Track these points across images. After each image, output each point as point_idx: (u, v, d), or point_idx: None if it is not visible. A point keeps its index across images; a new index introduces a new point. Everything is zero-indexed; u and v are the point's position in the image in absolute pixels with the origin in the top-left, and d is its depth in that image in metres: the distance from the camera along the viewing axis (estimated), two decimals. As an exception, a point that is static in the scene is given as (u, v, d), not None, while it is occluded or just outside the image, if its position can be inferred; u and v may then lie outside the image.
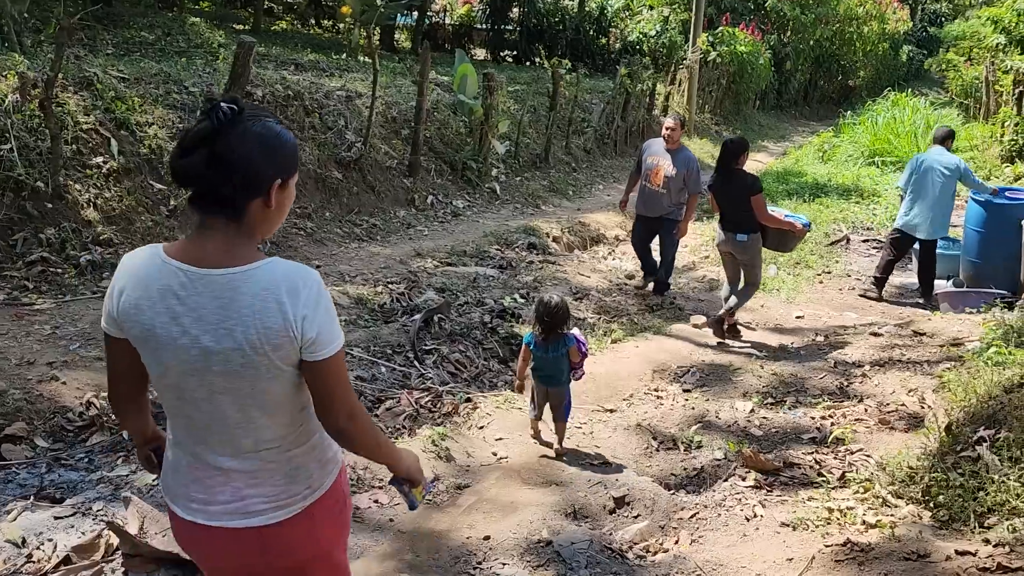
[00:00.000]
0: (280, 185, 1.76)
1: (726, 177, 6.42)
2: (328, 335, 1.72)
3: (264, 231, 1.79)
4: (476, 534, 3.58)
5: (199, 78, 8.87)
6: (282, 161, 1.76)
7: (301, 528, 1.85)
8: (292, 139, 1.80)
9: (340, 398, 1.77)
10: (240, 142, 1.68)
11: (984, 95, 17.15)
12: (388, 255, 8.18)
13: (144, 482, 3.63)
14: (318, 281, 1.74)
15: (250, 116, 1.72)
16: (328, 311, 1.73)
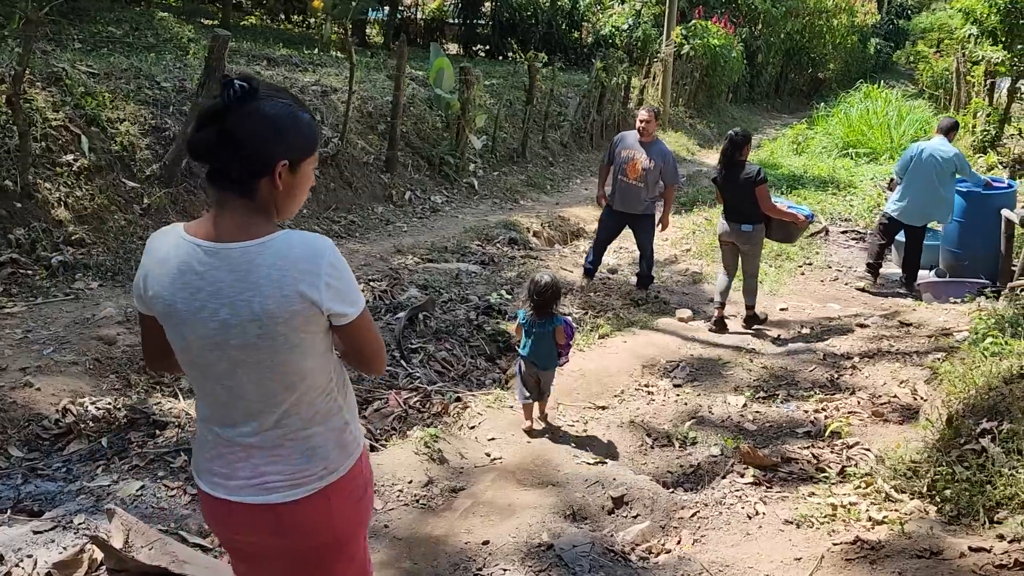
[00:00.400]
0: (288, 167, 1.77)
1: (731, 169, 6.49)
2: (351, 296, 1.78)
3: (280, 212, 1.82)
4: (475, 539, 3.48)
5: (170, 73, 8.66)
6: (291, 142, 1.77)
7: (317, 509, 1.86)
8: (307, 122, 1.81)
9: (376, 348, 1.89)
10: (248, 120, 1.71)
11: (955, 86, 17.31)
12: (368, 252, 8.04)
13: (127, 492, 3.48)
14: (332, 248, 1.77)
15: (264, 95, 1.75)
16: (344, 277, 1.78)
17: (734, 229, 6.60)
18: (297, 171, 1.80)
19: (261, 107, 1.73)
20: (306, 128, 1.80)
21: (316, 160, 1.86)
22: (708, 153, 19.09)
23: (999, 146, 13.38)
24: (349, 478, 1.92)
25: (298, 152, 1.79)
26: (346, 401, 1.97)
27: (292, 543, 1.90)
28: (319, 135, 1.91)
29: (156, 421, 4.22)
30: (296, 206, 1.86)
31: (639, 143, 7.27)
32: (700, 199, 12.67)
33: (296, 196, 1.84)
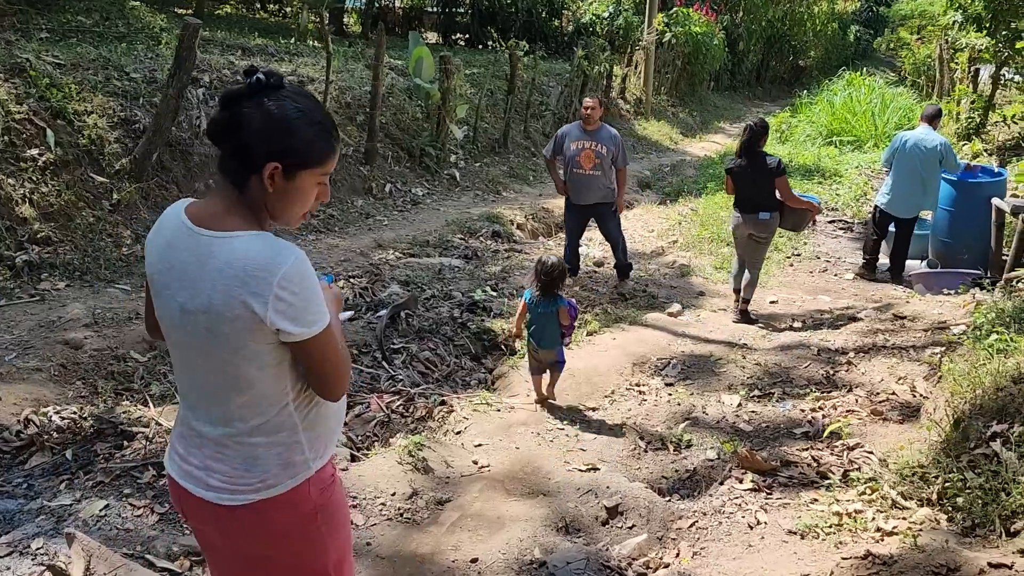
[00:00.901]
0: (282, 171, 1.71)
1: (751, 160, 6.47)
2: (305, 319, 1.69)
3: (273, 216, 1.78)
4: (462, 556, 3.28)
5: (141, 63, 8.36)
6: (288, 146, 1.71)
7: (250, 521, 1.81)
8: (315, 133, 1.75)
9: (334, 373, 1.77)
10: (255, 112, 1.69)
11: (937, 73, 17.24)
12: (347, 247, 7.81)
13: (91, 512, 3.26)
14: (297, 262, 1.68)
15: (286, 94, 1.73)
16: (300, 294, 1.68)
17: (750, 219, 6.55)
18: (293, 179, 1.74)
19: (272, 103, 1.71)
20: (310, 137, 1.74)
21: (321, 175, 1.79)
22: (691, 142, 18.96)
23: (983, 133, 13.30)
24: (289, 500, 1.82)
25: (294, 158, 1.72)
26: (307, 420, 1.84)
27: (236, 546, 1.88)
28: (330, 149, 1.79)
29: (124, 431, 3.99)
30: (291, 215, 1.79)
31: (585, 132, 7.12)
32: (685, 189, 12.52)
33: (291, 204, 1.77)
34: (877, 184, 11.41)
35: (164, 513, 3.30)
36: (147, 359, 4.87)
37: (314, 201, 1.82)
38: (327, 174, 1.80)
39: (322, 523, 1.88)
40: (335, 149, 1.80)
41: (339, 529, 1.95)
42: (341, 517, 1.97)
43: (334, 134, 1.79)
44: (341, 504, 1.97)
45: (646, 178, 13.61)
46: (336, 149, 1.81)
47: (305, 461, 1.84)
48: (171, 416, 4.17)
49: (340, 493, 1.97)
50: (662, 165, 15.30)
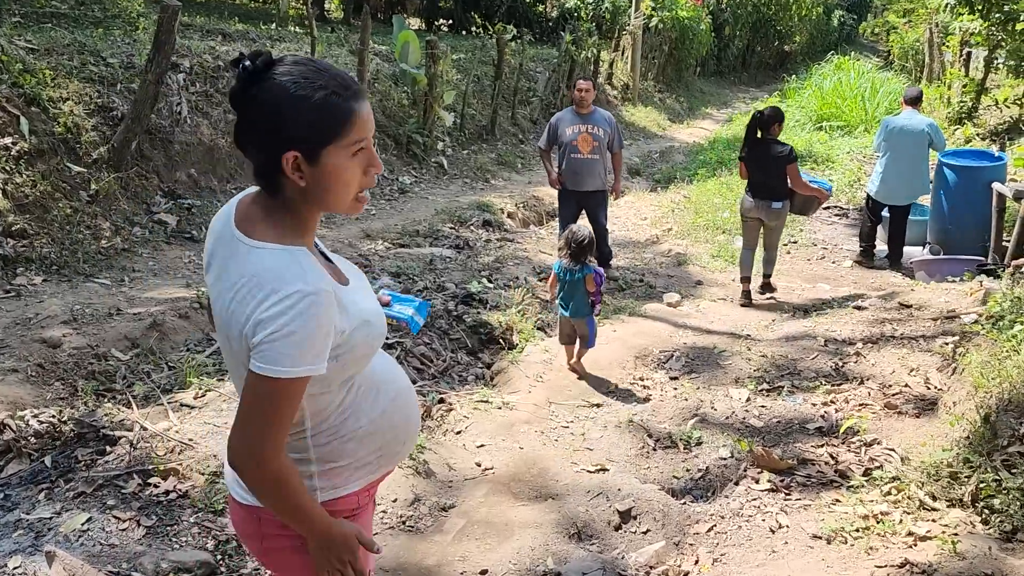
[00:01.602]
0: (304, 158, 1.50)
1: (760, 146, 6.55)
2: (273, 353, 1.44)
3: (322, 206, 1.57)
4: (471, 568, 3.10)
5: (118, 49, 8.06)
6: (294, 131, 1.48)
7: (250, 524, 1.73)
8: (316, 103, 1.49)
9: (253, 429, 1.49)
10: (252, 107, 1.50)
11: (927, 57, 17.13)
12: (335, 237, 7.59)
13: (72, 527, 3.04)
14: (301, 292, 1.46)
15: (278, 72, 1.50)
16: (291, 331, 1.44)
17: (762, 206, 6.59)
18: (319, 162, 1.51)
19: (267, 86, 1.48)
20: (317, 108, 1.48)
21: (353, 144, 1.52)
22: (679, 128, 18.79)
23: (975, 117, 13.20)
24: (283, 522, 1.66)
25: (307, 142, 1.49)
26: (324, 452, 1.67)
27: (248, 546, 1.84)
28: (348, 112, 1.51)
29: (106, 436, 3.76)
30: (341, 200, 1.57)
31: (579, 116, 6.96)
32: (676, 176, 12.34)
33: (333, 189, 1.54)
34: (870, 169, 11.29)
35: (151, 526, 3.08)
36: (129, 358, 4.64)
37: (364, 176, 1.58)
38: (361, 139, 1.53)
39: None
40: (354, 109, 1.51)
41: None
42: None
43: (346, 93, 1.52)
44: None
45: (635, 165, 13.42)
46: (356, 108, 1.52)
47: (313, 488, 1.67)
48: (156, 418, 3.95)
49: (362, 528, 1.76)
50: (651, 152, 15.12)
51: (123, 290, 5.68)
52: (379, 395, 1.73)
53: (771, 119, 6.56)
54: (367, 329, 1.62)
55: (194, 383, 4.28)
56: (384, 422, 1.74)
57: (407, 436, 1.83)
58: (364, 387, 1.70)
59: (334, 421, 1.67)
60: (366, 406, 1.70)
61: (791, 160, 6.44)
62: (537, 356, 5.33)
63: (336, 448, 1.68)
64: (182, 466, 3.49)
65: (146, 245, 6.57)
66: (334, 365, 1.56)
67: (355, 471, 1.72)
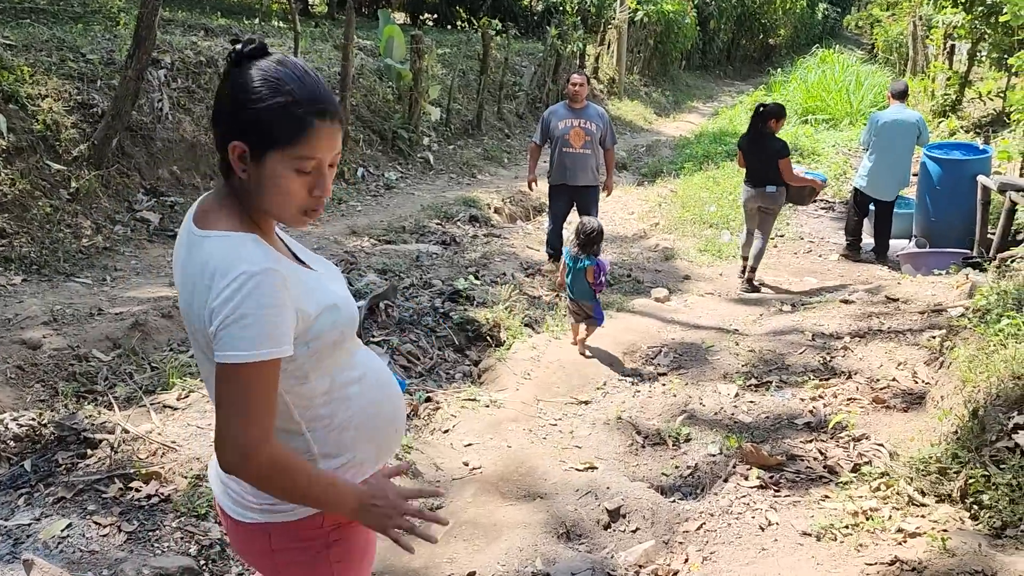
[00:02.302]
0: (250, 154, 1.48)
1: (758, 139, 6.89)
2: (229, 339, 1.41)
3: (261, 208, 1.53)
4: (459, 569, 3.06)
5: (97, 44, 7.96)
6: (243, 122, 1.47)
7: (257, 542, 1.68)
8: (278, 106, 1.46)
9: (230, 424, 1.45)
10: (229, 85, 1.50)
11: (911, 50, 17.18)
12: (320, 234, 7.52)
13: (51, 533, 2.98)
14: (245, 273, 1.42)
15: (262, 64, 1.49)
16: (241, 314, 1.41)
17: (759, 192, 6.93)
18: (261, 162, 1.48)
19: (236, 75, 1.48)
20: (274, 110, 1.45)
21: (297, 159, 1.48)
22: (665, 122, 18.78)
23: (959, 110, 13.24)
24: (299, 528, 1.64)
25: (254, 136, 1.47)
26: (329, 446, 1.64)
27: (249, 561, 1.80)
28: (302, 127, 1.46)
29: (87, 439, 3.70)
30: (277, 208, 1.52)
31: (572, 110, 6.93)
32: (663, 170, 12.32)
33: (268, 194, 1.51)
34: (855, 163, 11.30)
35: (132, 532, 3.03)
36: (111, 358, 4.57)
37: (307, 195, 1.52)
38: (309, 159, 1.48)
39: (335, 559, 1.70)
40: (312, 126, 1.46)
41: (355, 570, 1.77)
42: (359, 558, 1.76)
43: (310, 107, 1.47)
44: (364, 544, 1.77)
45: (622, 159, 13.39)
46: (314, 125, 1.47)
47: None
48: (138, 420, 3.89)
49: (368, 534, 1.76)
50: (637, 146, 15.10)
51: (105, 289, 5.60)
52: (364, 384, 1.70)
53: (769, 114, 6.87)
54: (335, 313, 1.59)
55: (177, 384, 4.23)
56: (374, 410, 1.71)
57: (398, 425, 1.81)
58: (346, 376, 1.66)
59: (325, 412, 1.62)
60: (353, 394, 1.67)
61: (783, 155, 6.74)
62: (525, 353, 5.29)
63: (336, 440, 1.64)
64: (164, 469, 3.44)
65: (128, 244, 6.49)
66: (305, 352, 1.54)
67: (359, 467, 1.69)
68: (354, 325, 1.68)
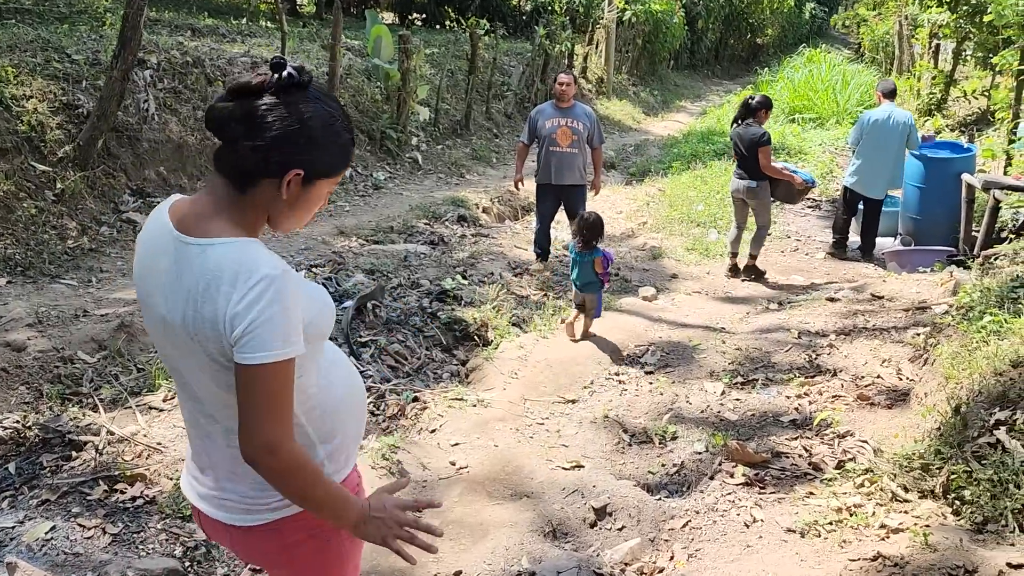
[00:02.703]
0: (303, 179, 1.57)
1: (744, 129, 7.11)
2: (259, 340, 1.47)
3: (275, 223, 1.64)
4: (445, 569, 3.07)
5: (83, 45, 7.92)
6: (316, 155, 1.58)
7: (268, 541, 1.73)
8: (343, 142, 1.63)
9: (259, 420, 1.51)
10: (283, 110, 1.53)
11: (897, 49, 17.27)
12: (308, 235, 7.50)
13: (35, 536, 2.97)
14: (267, 276, 1.49)
15: (313, 96, 1.57)
16: (269, 316, 1.48)
17: (742, 185, 7.19)
18: (310, 188, 1.61)
19: (302, 104, 1.55)
20: (339, 146, 1.62)
21: (334, 183, 1.67)
22: (653, 121, 18.82)
23: (944, 109, 13.33)
24: (307, 518, 1.70)
25: (319, 168, 1.59)
26: (324, 432, 1.72)
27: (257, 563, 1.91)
28: (350, 159, 1.68)
29: (72, 441, 3.69)
30: (296, 223, 1.67)
31: (559, 109, 6.94)
32: (651, 169, 12.35)
33: (299, 214, 1.65)
34: (843, 162, 11.37)
35: (117, 534, 3.02)
36: (96, 360, 4.55)
37: None
38: (339, 183, 1.70)
39: (345, 540, 1.80)
40: (350, 157, 1.68)
41: (358, 547, 1.88)
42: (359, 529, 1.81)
43: (352, 142, 1.68)
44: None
45: (610, 158, 13.41)
46: (350, 156, 1.69)
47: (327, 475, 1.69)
48: (123, 422, 3.88)
49: None
50: (626, 145, 15.12)
51: (90, 291, 5.58)
52: (337, 368, 1.80)
53: (757, 106, 7.15)
54: (326, 311, 1.71)
55: (163, 385, 4.21)
56: (349, 389, 1.81)
57: (364, 400, 1.90)
58: (324, 361, 1.75)
59: (316, 402, 1.70)
60: (334, 377, 1.76)
61: (762, 143, 6.94)
62: (512, 353, 5.30)
63: (330, 423, 1.72)
64: (150, 471, 3.43)
65: (114, 245, 6.46)
66: (305, 348, 1.61)
67: (349, 446, 1.79)
68: (334, 319, 1.78)
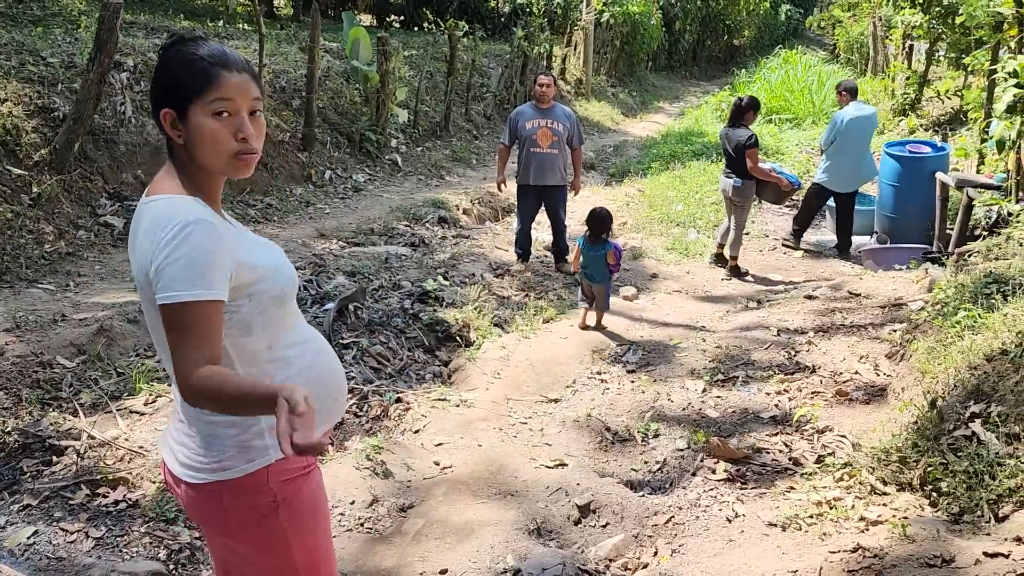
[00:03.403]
0: (176, 116, 1.67)
1: (732, 131, 7.38)
2: (167, 280, 1.56)
3: (200, 164, 1.70)
4: (431, 568, 3.08)
5: (58, 48, 7.85)
6: (166, 88, 1.68)
7: (211, 502, 1.76)
8: (185, 61, 1.67)
9: (175, 355, 1.58)
10: (159, 62, 1.72)
11: (871, 50, 17.47)
12: (288, 237, 7.48)
13: (17, 541, 2.94)
14: (182, 222, 1.59)
15: (192, 46, 1.70)
16: (175, 257, 1.56)
17: (728, 184, 7.43)
18: (187, 120, 1.67)
19: (173, 51, 1.70)
20: (178, 68, 1.67)
21: (211, 105, 1.66)
22: (632, 122, 18.90)
23: (918, 109, 13.49)
24: (244, 487, 1.74)
25: (174, 97, 1.67)
26: None
27: (202, 525, 1.87)
28: (206, 74, 1.66)
29: (52, 446, 3.66)
30: (211, 158, 1.69)
31: (539, 110, 6.98)
32: (630, 170, 12.42)
33: (201, 146, 1.68)
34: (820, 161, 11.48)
35: (100, 538, 3.01)
36: (76, 364, 4.51)
37: (232, 138, 1.68)
38: (223, 101, 1.66)
39: (284, 519, 1.79)
40: (219, 73, 1.66)
41: (308, 529, 1.84)
42: (309, 516, 1.83)
43: (215, 60, 1.67)
44: (313, 502, 1.85)
45: (590, 159, 13.47)
46: (221, 73, 1.67)
47: (265, 447, 1.75)
48: (104, 426, 3.86)
49: (315, 490, 1.86)
50: (605, 146, 15.19)
51: (68, 295, 5.54)
52: (304, 349, 1.84)
53: (746, 107, 7.41)
54: (276, 271, 1.77)
55: (144, 389, 4.19)
56: (313, 374, 1.83)
57: (338, 392, 1.93)
58: (287, 339, 1.80)
59: (267, 370, 1.75)
60: (293, 356, 1.81)
61: (748, 146, 7.16)
62: (494, 353, 5.31)
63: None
64: (132, 475, 3.42)
65: (92, 249, 6.41)
66: (247, 303, 1.69)
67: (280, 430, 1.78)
68: (294, 285, 1.84)
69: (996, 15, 7.93)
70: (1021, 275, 4.45)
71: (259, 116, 1.74)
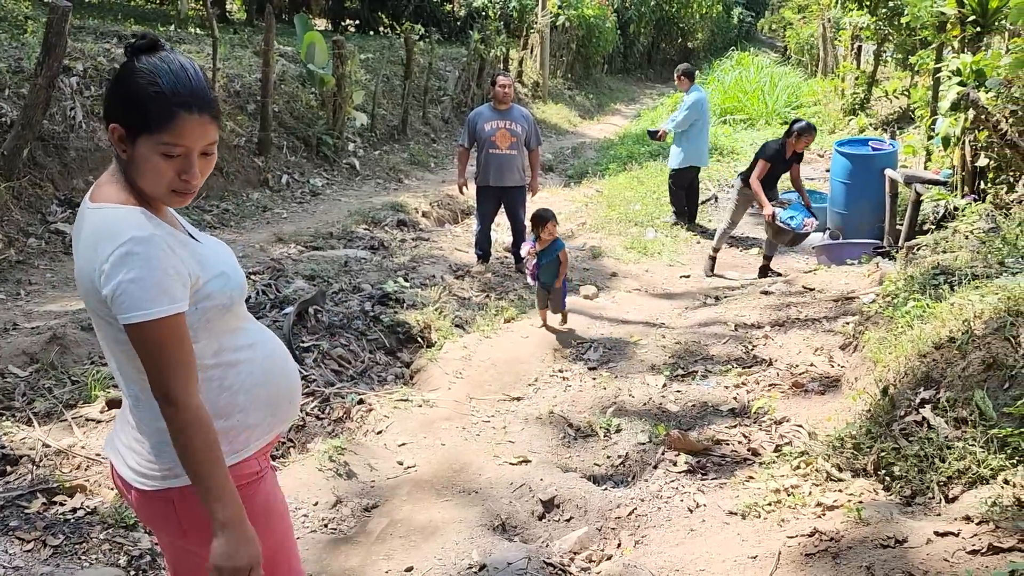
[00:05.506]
0: (126, 135, 1.61)
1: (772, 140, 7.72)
2: (130, 300, 1.54)
3: (141, 182, 1.64)
4: (396, 566, 3.08)
5: (4, 52, 7.70)
6: (118, 106, 1.62)
7: (162, 509, 1.75)
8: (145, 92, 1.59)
9: (156, 373, 1.58)
10: (120, 71, 1.64)
11: (821, 51, 17.81)
12: (245, 242, 7.42)
13: (-26, 552, 2.88)
14: (133, 239, 1.55)
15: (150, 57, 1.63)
16: (131, 279, 1.53)
17: (737, 181, 7.85)
18: (134, 145, 1.61)
19: (128, 64, 1.63)
20: (144, 97, 1.59)
21: (163, 145, 1.60)
22: (589, 124, 19.04)
23: (868, 108, 13.80)
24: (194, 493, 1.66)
25: (127, 119, 1.61)
26: (214, 408, 1.71)
27: (155, 530, 1.87)
28: (169, 115, 1.59)
29: (6, 456, 3.59)
30: (149, 187, 1.64)
31: (497, 112, 7.02)
32: (588, 171, 12.51)
33: (141, 174, 1.63)
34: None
35: (58, 546, 2.96)
36: (29, 373, 4.43)
37: (175, 176, 1.63)
38: (175, 145, 1.60)
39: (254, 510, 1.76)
40: (176, 115, 1.59)
41: (261, 531, 1.76)
42: (262, 519, 1.79)
43: (177, 99, 1.59)
44: (266, 505, 1.84)
45: (548, 161, 13.54)
46: (179, 114, 1.59)
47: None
48: (59, 435, 3.79)
49: (268, 494, 1.85)
50: (563, 148, 15.28)
51: (19, 304, 5.43)
52: (255, 351, 1.82)
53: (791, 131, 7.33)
54: (223, 279, 1.73)
55: (100, 396, 4.12)
56: (265, 377, 1.83)
57: (291, 394, 1.92)
58: (236, 342, 1.78)
59: (214, 375, 1.73)
60: (242, 359, 1.79)
61: (758, 156, 7.43)
62: (456, 353, 5.32)
63: (227, 402, 1.75)
64: (90, 482, 3.36)
65: (43, 256, 6.29)
66: (194, 312, 1.66)
67: (251, 431, 1.80)
68: (243, 292, 1.81)
69: (940, 15, 8.16)
70: (967, 267, 4.59)
71: (211, 155, 1.70)
